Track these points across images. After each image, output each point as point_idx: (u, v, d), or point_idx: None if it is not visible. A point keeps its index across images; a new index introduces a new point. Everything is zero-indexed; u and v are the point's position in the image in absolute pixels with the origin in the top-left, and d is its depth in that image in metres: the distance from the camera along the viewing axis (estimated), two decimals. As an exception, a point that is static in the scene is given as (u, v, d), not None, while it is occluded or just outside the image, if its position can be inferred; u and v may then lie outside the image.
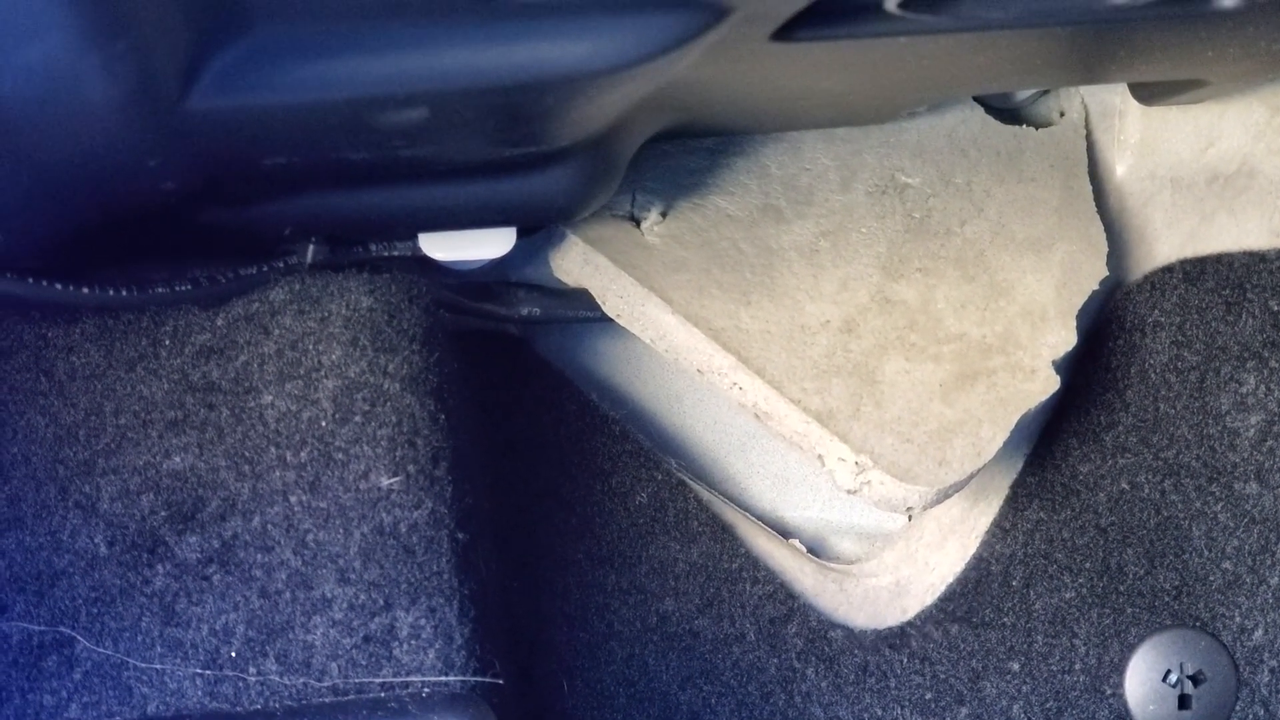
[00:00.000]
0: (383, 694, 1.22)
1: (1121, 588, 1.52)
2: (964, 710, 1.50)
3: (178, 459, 1.26)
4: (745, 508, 1.54)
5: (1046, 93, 1.56)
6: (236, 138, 1.02)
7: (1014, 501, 1.54)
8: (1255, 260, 1.57)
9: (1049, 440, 1.55)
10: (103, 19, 0.81)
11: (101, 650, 1.21)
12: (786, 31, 1.03)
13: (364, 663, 1.22)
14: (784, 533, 1.54)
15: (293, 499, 1.25)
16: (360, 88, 0.97)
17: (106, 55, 0.83)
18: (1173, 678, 1.51)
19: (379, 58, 0.95)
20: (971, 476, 1.41)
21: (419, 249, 1.34)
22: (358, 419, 1.27)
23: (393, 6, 0.91)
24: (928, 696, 1.50)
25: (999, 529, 1.53)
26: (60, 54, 0.83)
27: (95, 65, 0.84)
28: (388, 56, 0.95)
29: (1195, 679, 1.51)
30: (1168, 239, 1.59)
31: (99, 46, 0.83)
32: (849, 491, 1.40)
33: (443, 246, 1.34)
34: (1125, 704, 1.51)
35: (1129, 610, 1.52)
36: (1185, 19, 1.10)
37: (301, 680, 1.21)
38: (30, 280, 1.22)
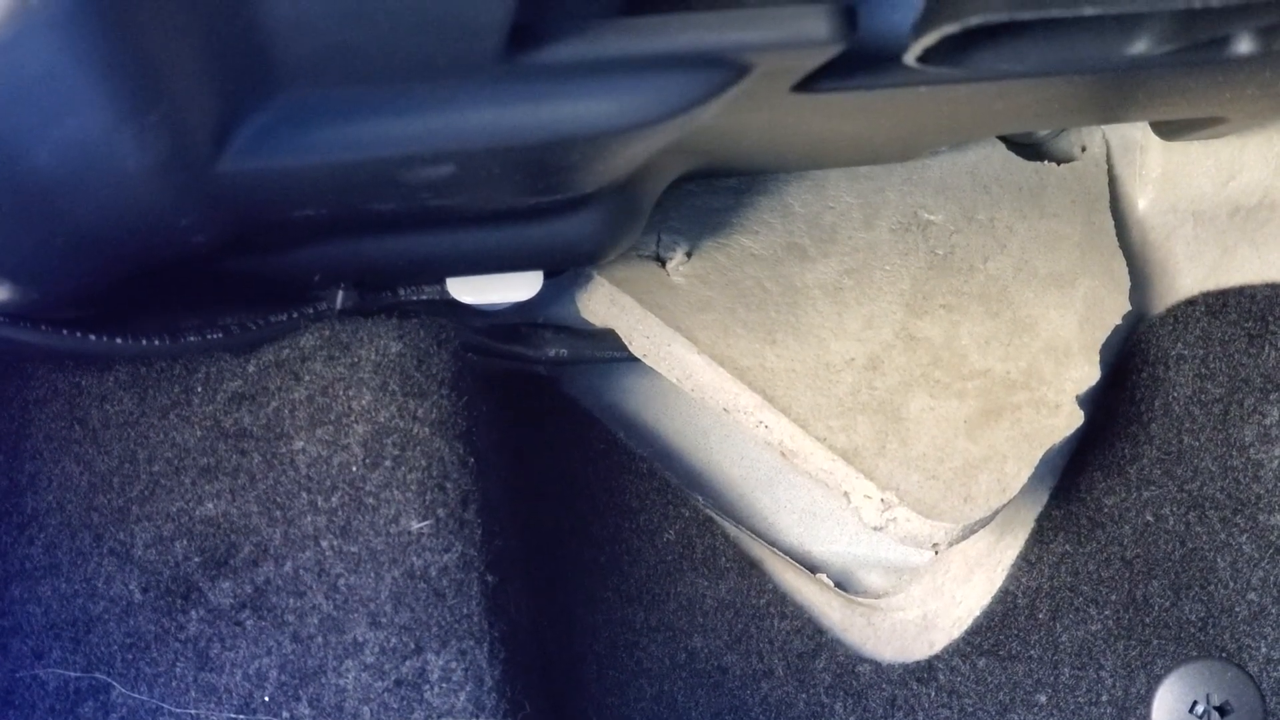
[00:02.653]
0: (414, 737, 1.23)
1: (1147, 619, 1.53)
2: (992, 743, 1.51)
3: (210, 505, 1.27)
4: (773, 543, 1.54)
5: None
6: (266, 195, 1.04)
7: (1039, 535, 1.55)
8: (1277, 292, 1.58)
9: (1074, 474, 1.56)
10: (135, 94, 0.82)
11: (137, 696, 1.23)
12: (807, 84, 1.04)
13: (396, 706, 1.23)
14: (811, 567, 1.55)
15: (324, 544, 1.26)
16: (387, 148, 0.98)
17: (139, 128, 0.85)
18: (1199, 709, 1.51)
19: (405, 119, 0.96)
20: (996, 512, 1.41)
21: (447, 293, 1.35)
22: (388, 464, 1.28)
23: (418, 69, 0.92)
24: (956, 730, 1.51)
25: (1025, 562, 1.54)
26: (94, 128, 0.84)
27: (128, 137, 0.86)
28: (414, 118, 0.96)
29: (1222, 710, 1.52)
30: (1190, 272, 1.59)
31: (131, 120, 0.84)
32: (875, 528, 1.40)
33: (470, 290, 1.35)
34: (1152, 735, 1.52)
35: (1155, 642, 1.52)
36: (1202, 64, 1.11)
37: (334, 724, 1.23)
38: (64, 332, 1.23)
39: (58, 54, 0.77)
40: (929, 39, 0.96)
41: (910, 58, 0.99)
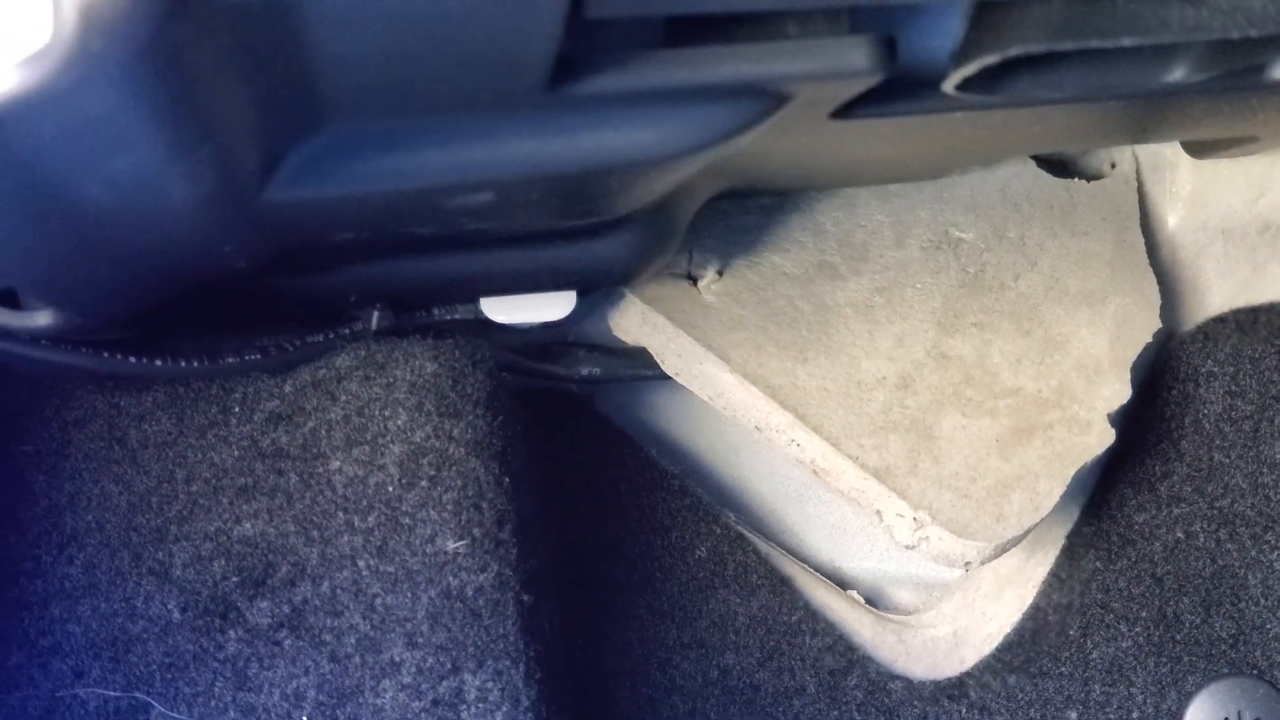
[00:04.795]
0: (452, 757, 1.24)
1: (1178, 636, 1.53)
2: (1023, 760, 1.51)
3: (248, 525, 1.28)
4: (804, 559, 1.55)
5: (1098, 146, 1.57)
6: (308, 222, 1.04)
7: (1070, 552, 1.55)
8: None
9: (1105, 491, 1.56)
10: (187, 132, 0.83)
11: (176, 716, 1.23)
12: (845, 111, 1.04)
13: None
14: (842, 584, 1.55)
15: (361, 564, 1.27)
16: (430, 178, 0.98)
17: (190, 164, 0.85)
18: (1230, 725, 1.52)
19: (449, 150, 0.97)
20: (1029, 531, 1.42)
21: (481, 312, 1.36)
22: (424, 484, 1.28)
23: (463, 101, 0.92)
24: (987, 747, 1.51)
25: (1056, 579, 1.54)
26: (145, 164, 0.85)
27: (178, 173, 0.86)
28: (457, 148, 0.97)
29: (1253, 726, 1.52)
30: (1220, 289, 1.59)
31: (183, 156, 0.85)
32: (907, 547, 1.41)
33: (504, 309, 1.35)
34: (1183, 752, 1.52)
35: (1186, 659, 1.53)
36: (1237, 89, 1.11)
37: (372, 744, 1.23)
38: (104, 354, 1.24)
39: (116, 96, 0.77)
40: (969, 68, 0.96)
41: (949, 86, 0.99)
